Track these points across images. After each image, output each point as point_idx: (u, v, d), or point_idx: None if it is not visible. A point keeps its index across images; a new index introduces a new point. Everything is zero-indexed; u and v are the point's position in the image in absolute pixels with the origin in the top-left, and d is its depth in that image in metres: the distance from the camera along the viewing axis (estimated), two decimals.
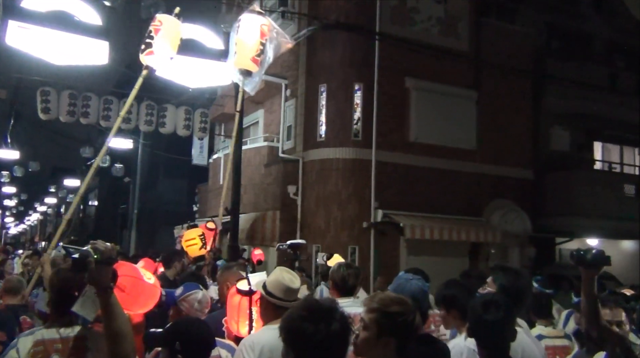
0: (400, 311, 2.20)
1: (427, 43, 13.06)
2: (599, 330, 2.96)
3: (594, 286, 2.90)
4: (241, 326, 3.07)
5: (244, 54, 4.61)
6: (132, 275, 2.59)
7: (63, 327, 2.66)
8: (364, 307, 2.28)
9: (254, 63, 4.64)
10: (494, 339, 2.51)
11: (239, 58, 4.63)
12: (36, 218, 60.37)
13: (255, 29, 4.63)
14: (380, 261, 12.03)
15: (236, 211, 10.39)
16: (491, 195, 13.82)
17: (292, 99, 13.69)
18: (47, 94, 10.91)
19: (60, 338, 2.63)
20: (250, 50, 4.61)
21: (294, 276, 3.29)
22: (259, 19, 4.66)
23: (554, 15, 16.07)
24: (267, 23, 4.72)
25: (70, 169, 43.02)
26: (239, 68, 4.65)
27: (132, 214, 24.69)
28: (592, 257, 2.78)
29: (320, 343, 1.86)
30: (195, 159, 18.14)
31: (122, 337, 2.16)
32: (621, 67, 17.53)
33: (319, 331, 1.87)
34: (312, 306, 1.97)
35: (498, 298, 2.58)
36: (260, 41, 4.65)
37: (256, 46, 4.64)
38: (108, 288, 2.12)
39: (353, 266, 4.10)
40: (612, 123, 15.96)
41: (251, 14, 4.70)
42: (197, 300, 3.56)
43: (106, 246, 2.10)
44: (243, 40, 4.63)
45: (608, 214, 14.33)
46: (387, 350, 2.15)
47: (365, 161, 12.43)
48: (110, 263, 2.12)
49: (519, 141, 14.45)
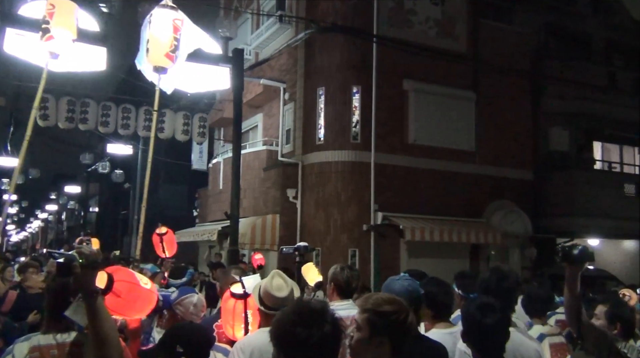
0: (393, 310, 2.18)
1: (425, 45, 13.07)
2: (580, 326, 2.98)
3: (577, 282, 2.92)
4: (237, 330, 3.06)
5: (158, 50, 4.42)
6: (128, 280, 2.57)
7: (59, 332, 2.65)
8: (357, 308, 2.27)
9: (168, 59, 4.48)
10: (491, 342, 2.50)
11: (153, 55, 4.45)
12: (37, 225, 60.43)
13: (167, 24, 4.48)
14: (381, 264, 12.01)
15: (236, 215, 10.37)
16: (491, 196, 13.81)
17: (291, 103, 13.70)
18: (46, 101, 10.91)
19: (56, 344, 2.62)
20: (164, 46, 4.43)
21: (284, 282, 3.24)
22: (171, 14, 4.50)
23: (552, 15, 16.08)
24: (181, 17, 4.57)
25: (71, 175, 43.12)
26: (154, 65, 4.48)
27: (132, 220, 24.68)
28: (577, 253, 2.81)
29: (313, 347, 1.84)
30: (195, 164, 18.13)
31: (108, 342, 2.14)
32: (620, 66, 17.54)
33: (311, 335, 1.84)
34: (303, 309, 1.93)
35: (492, 301, 2.57)
36: (174, 36, 4.49)
37: (170, 42, 4.45)
38: (94, 293, 2.11)
39: (354, 268, 4.08)
40: (612, 123, 15.94)
41: (163, 9, 4.52)
42: (193, 304, 3.56)
43: (91, 251, 2.09)
44: (156, 36, 4.45)
45: (608, 214, 14.31)
46: (381, 350, 2.14)
47: (364, 164, 12.43)
48: (95, 267, 2.11)
49: (518, 141, 14.45)
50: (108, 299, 2.36)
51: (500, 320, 2.49)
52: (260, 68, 13.85)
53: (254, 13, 15.42)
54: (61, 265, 2.05)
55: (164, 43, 4.43)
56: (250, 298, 3.11)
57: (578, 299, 2.99)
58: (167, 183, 27.97)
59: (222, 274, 4.24)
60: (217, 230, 13.92)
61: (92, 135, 19.21)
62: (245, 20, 16.06)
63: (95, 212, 40.40)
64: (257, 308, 3.16)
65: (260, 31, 14.95)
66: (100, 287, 2.19)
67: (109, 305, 2.48)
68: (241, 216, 11.34)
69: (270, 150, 13.99)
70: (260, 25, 15.11)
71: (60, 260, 2.06)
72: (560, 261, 2.94)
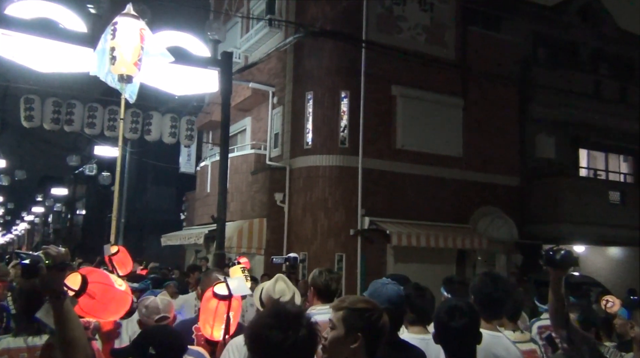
0: (367, 308, 2.21)
1: (413, 51, 13.14)
2: (567, 330, 2.99)
3: (561, 286, 2.93)
4: (215, 330, 3.04)
5: (125, 59, 4.43)
6: (102, 282, 2.55)
7: (31, 335, 2.61)
8: (332, 309, 2.28)
9: (135, 67, 4.48)
10: (459, 345, 2.52)
11: (120, 63, 4.44)
12: (23, 228, 59.89)
13: (134, 33, 4.48)
14: (367, 269, 12.02)
15: (223, 219, 10.34)
16: (478, 202, 13.88)
17: (279, 107, 13.71)
18: (31, 102, 10.81)
19: (26, 347, 2.58)
20: (132, 55, 4.44)
21: (287, 287, 3.28)
22: (137, 23, 4.52)
23: (540, 24, 16.22)
24: (145, 27, 4.58)
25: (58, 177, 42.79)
26: (119, 74, 4.47)
27: (119, 223, 24.55)
28: (560, 258, 2.83)
29: (288, 351, 1.83)
30: (183, 167, 18.05)
31: (74, 345, 2.08)
32: (606, 75, 17.73)
33: (286, 338, 1.83)
34: (279, 313, 1.92)
35: (462, 304, 2.58)
36: (141, 45, 4.49)
37: (137, 50, 4.47)
38: (61, 295, 2.05)
39: (333, 271, 4.08)
40: (597, 130, 16.11)
41: (127, 18, 4.52)
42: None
43: (58, 251, 2.04)
44: (122, 45, 4.45)
45: (594, 221, 14.43)
46: (356, 349, 2.14)
47: (352, 169, 12.44)
48: (63, 268, 2.05)
49: (505, 148, 14.54)
50: (82, 301, 2.33)
51: (468, 323, 2.50)
52: (249, 72, 13.85)
53: (243, 16, 15.44)
54: (26, 266, 2.00)
55: (132, 52, 4.41)
56: (234, 299, 3.10)
57: (563, 303, 3.00)
58: (154, 185, 27.86)
59: (205, 276, 4.24)
60: (204, 233, 13.87)
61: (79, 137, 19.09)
62: (234, 24, 16.07)
63: (82, 215, 40.09)
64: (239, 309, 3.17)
65: (249, 35, 14.96)
66: (74, 289, 2.16)
67: (83, 306, 2.45)
68: (228, 220, 11.32)
69: (258, 154, 13.98)
70: (249, 29, 15.12)
71: (26, 261, 2.01)
72: (544, 265, 2.95)
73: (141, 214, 26.43)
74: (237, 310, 3.17)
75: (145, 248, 23.59)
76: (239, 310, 3.22)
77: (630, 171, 18.09)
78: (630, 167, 18.15)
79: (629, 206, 15.16)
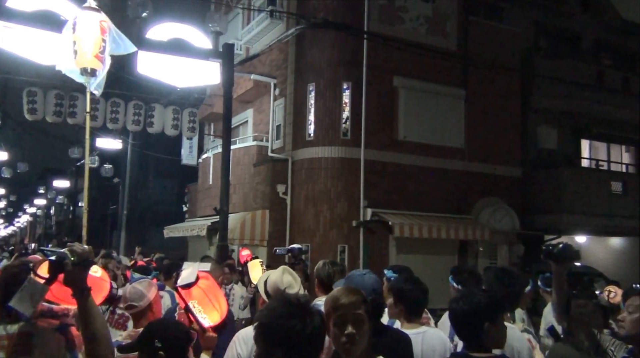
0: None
1: (415, 42, 13.09)
2: (568, 322, 3.02)
3: (564, 280, 2.96)
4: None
5: (86, 52, 4.43)
6: None
7: (10, 323, 2.63)
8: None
9: (98, 60, 4.49)
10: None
11: (81, 57, 4.44)
12: (26, 220, 60.00)
13: (94, 25, 4.48)
14: (370, 260, 12.05)
15: (225, 210, 10.38)
16: (480, 193, 13.90)
17: (281, 99, 13.70)
18: (34, 95, 10.83)
19: (6, 335, 2.60)
20: (93, 47, 4.43)
21: (294, 279, 3.30)
22: (97, 16, 4.51)
23: (542, 14, 16.18)
24: (106, 19, 4.57)
25: (60, 170, 42.81)
26: (82, 67, 4.47)
27: (121, 214, 24.59)
28: (558, 251, 2.85)
29: (309, 338, 1.86)
30: (185, 159, 18.07)
31: (97, 338, 2.14)
32: (608, 65, 17.67)
33: (306, 326, 1.86)
34: (293, 302, 1.95)
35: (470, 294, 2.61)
36: (102, 38, 4.49)
37: (98, 43, 4.47)
38: (85, 290, 2.11)
39: (337, 263, 4.12)
40: (599, 121, 16.08)
41: (87, 11, 4.52)
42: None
43: (83, 249, 2.10)
44: (83, 39, 4.45)
45: (595, 212, 14.45)
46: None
47: (354, 160, 12.45)
48: (87, 265, 2.11)
49: (507, 139, 14.54)
50: (55, 288, 2.33)
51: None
52: (250, 63, 13.83)
53: (244, 8, 15.39)
54: (53, 262, 2.05)
55: (92, 45, 4.41)
56: (193, 288, 2.95)
57: (566, 296, 3.03)
58: (156, 177, 27.89)
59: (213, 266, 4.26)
60: (207, 225, 13.90)
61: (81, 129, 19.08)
62: (236, 15, 16.03)
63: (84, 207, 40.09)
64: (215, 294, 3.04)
65: (251, 26, 14.92)
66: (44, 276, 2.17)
67: (57, 293, 2.47)
68: (231, 212, 11.36)
69: (260, 146, 13.99)
70: (251, 21, 15.07)
71: (52, 257, 2.07)
72: (544, 259, 2.98)
73: (143, 206, 26.47)
74: (200, 298, 2.98)
75: (148, 239, 23.65)
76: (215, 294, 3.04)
77: (632, 162, 18.08)
78: (632, 157, 18.13)
79: (630, 196, 15.18)
